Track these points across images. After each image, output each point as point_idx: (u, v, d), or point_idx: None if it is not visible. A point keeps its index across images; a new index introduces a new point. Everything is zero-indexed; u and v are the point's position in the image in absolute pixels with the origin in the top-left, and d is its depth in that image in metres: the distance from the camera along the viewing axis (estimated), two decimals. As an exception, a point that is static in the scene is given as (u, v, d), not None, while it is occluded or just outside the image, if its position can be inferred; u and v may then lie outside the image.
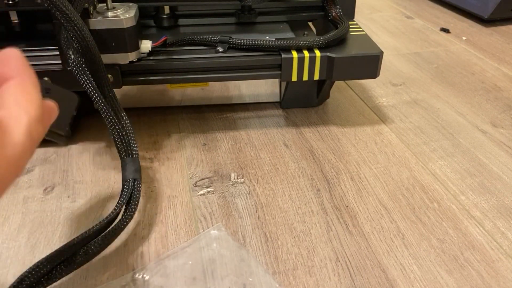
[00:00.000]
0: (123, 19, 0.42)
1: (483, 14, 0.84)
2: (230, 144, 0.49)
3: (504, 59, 0.71)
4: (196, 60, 0.47)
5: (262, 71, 0.48)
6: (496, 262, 0.36)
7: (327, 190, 0.43)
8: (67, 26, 0.36)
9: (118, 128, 0.39)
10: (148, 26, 0.54)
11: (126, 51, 0.44)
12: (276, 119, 0.54)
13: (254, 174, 0.45)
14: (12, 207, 0.41)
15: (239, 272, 0.35)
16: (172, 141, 0.50)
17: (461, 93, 0.61)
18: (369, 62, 0.48)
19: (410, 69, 0.67)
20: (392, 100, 0.59)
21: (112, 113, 0.39)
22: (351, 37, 0.52)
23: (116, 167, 0.46)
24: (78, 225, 0.39)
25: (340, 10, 0.54)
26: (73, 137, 0.50)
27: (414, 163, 0.47)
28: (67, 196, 0.42)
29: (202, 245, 0.37)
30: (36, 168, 0.45)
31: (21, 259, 0.35)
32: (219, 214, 0.40)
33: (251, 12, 0.54)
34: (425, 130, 0.52)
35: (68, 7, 0.36)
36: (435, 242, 0.37)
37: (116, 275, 0.34)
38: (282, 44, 0.47)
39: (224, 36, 0.49)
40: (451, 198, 0.42)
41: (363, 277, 0.34)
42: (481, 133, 0.52)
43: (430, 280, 0.34)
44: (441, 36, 0.79)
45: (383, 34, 0.81)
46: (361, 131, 0.52)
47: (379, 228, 0.39)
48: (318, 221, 0.39)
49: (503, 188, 0.44)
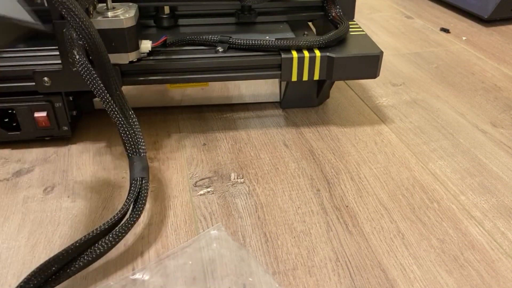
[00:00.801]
0: (123, 19, 0.42)
1: (483, 14, 0.84)
2: (230, 144, 0.49)
3: (504, 59, 0.71)
4: (196, 60, 0.47)
5: (262, 71, 0.48)
6: (496, 262, 0.36)
7: (327, 190, 0.43)
8: (74, 24, 0.36)
9: (126, 126, 0.39)
10: (148, 26, 0.54)
11: (126, 51, 0.44)
12: (276, 119, 0.54)
13: (254, 174, 0.45)
14: (12, 207, 0.41)
15: (239, 272, 0.35)
16: (172, 141, 0.50)
17: (461, 93, 0.61)
18: (369, 62, 0.48)
19: (410, 69, 0.67)
20: (392, 100, 0.59)
21: (119, 112, 0.38)
22: (351, 37, 0.52)
23: (117, 167, 0.46)
24: (78, 225, 0.39)
25: (340, 10, 0.54)
26: (73, 137, 0.50)
27: (414, 163, 0.47)
28: (67, 196, 0.42)
29: (202, 245, 0.37)
30: (36, 168, 0.45)
31: (21, 259, 0.35)
32: (219, 214, 0.40)
33: (251, 12, 0.54)
34: (425, 130, 0.52)
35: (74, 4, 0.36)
36: (435, 242, 0.37)
37: (116, 275, 0.34)
38: (282, 44, 0.47)
39: (224, 36, 0.49)
40: (451, 198, 0.42)
41: (363, 277, 0.34)
42: (481, 133, 0.52)
43: (430, 280, 0.34)
44: (441, 36, 0.79)
45: (383, 34, 0.81)
46: (361, 131, 0.52)
47: (379, 228, 0.39)
48: (318, 221, 0.39)
49: (503, 188, 0.44)
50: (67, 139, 0.49)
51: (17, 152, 0.47)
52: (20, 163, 0.46)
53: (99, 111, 0.53)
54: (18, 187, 0.43)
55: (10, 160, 0.46)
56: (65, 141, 0.49)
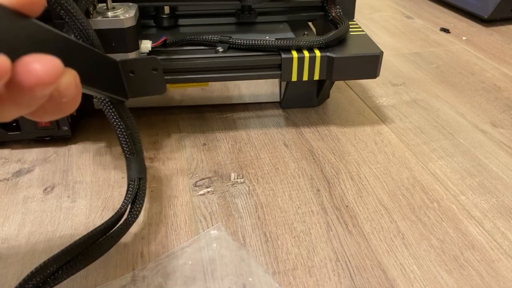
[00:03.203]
0: (123, 19, 0.42)
1: (483, 14, 0.84)
2: (230, 144, 0.49)
3: (504, 59, 0.71)
4: (196, 60, 0.47)
5: (262, 71, 0.48)
6: (496, 262, 0.36)
7: (327, 190, 0.43)
8: (71, 24, 0.36)
9: (122, 127, 0.39)
10: (148, 26, 0.54)
11: (126, 51, 0.44)
12: (276, 119, 0.54)
13: (254, 174, 0.45)
14: (12, 207, 0.41)
15: (239, 272, 0.35)
16: (172, 141, 0.50)
17: (461, 93, 0.61)
18: (369, 62, 0.48)
19: (410, 69, 0.67)
20: (392, 100, 0.59)
21: (115, 113, 0.38)
22: (351, 37, 0.52)
23: (117, 167, 0.46)
24: (78, 225, 0.39)
25: (340, 10, 0.54)
26: (73, 137, 0.50)
27: (414, 163, 0.47)
28: (67, 196, 0.42)
29: (202, 245, 0.37)
30: (36, 168, 0.45)
31: (21, 259, 0.35)
32: (219, 214, 0.40)
33: (251, 12, 0.54)
34: (425, 130, 0.52)
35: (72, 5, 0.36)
36: (435, 242, 0.37)
37: (116, 275, 0.34)
38: (282, 44, 0.47)
39: (224, 36, 0.49)
40: (451, 198, 0.42)
41: (363, 277, 0.34)
42: (481, 133, 0.52)
43: (430, 280, 0.34)
44: (441, 36, 0.79)
45: (383, 34, 0.81)
46: (361, 131, 0.52)
47: (379, 228, 0.39)
48: (318, 221, 0.39)
49: (503, 188, 0.44)
50: (67, 139, 0.49)
51: (17, 152, 0.47)
52: (20, 163, 0.46)
53: (99, 111, 0.53)
54: (18, 187, 0.43)
55: (10, 160, 0.46)
56: (65, 141, 0.49)
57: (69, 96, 0.22)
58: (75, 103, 0.22)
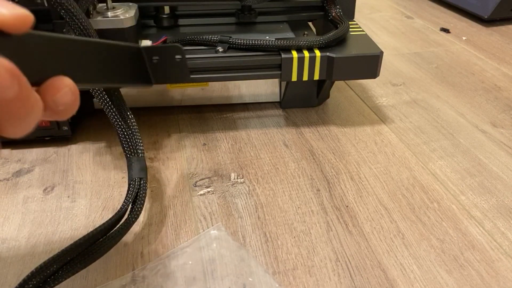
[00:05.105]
0: (123, 19, 0.42)
1: (483, 14, 0.84)
2: (230, 144, 0.49)
3: (504, 59, 0.71)
4: (196, 60, 0.47)
5: (262, 71, 0.48)
6: (496, 262, 0.36)
7: (327, 190, 0.43)
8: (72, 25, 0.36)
9: (124, 127, 0.39)
10: (148, 26, 0.54)
11: (126, 51, 0.44)
12: (276, 119, 0.54)
13: (254, 174, 0.45)
14: (12, 207, 0.41)
15: (239, 272, 0.35)
16: (172, 141, 0.50)
17: (461, 93, 0.61)
18: (369, 62, 0.48)
19: (410, 69, 0.67)
20: (392, 100, 0.59)
21: (117, 113, 0.39)
22: (351, 37, 0.52)
23: (117, 167, 0.46)
24: (78, 225, 0.39)
25: (340, 10, 0.54)
26: (73, 137, 0.50)
27: (414, 163, 0.47)
28: (67, 196, 0.42)
29: (202, 245, 0.37)
30: (36, 168, 0.45)
31: (21, 259, 0.35)
32: (219, 214, 0.40)
33: (251, 12, 0.54)
34: (425, 130, 0.52)
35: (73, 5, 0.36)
36: (435, 242, 0.37)
37: (116, 275, 0.34)
38: (282, 44, 0.47)
39: (224, 36, 0.49)
40: (451, 198, 0.42)
41: (363, 277, 0.34)
42: (481, 133, 0.52)
43: (430, 280, 0.34)
44: (441, 36, 0.79)
45: (383, 34, 0.81)
46: (361, 131, 0.52)
47: (379, 228, 0.39)
48: (318, 221, 0.39)
49: (503, 188, 0.44)
50: (67, 139, 0.49)
51: (17, 152, 0.47)
52: (20, 163, 0.46)
53: (99, 111, 0.53)
54: (18, 187, 0.43)
55: (10, 160, 0.46)
56: (65, 141, 0.49)
57: (65, 104, 0.22)
58: (73, 109, 0.22)
